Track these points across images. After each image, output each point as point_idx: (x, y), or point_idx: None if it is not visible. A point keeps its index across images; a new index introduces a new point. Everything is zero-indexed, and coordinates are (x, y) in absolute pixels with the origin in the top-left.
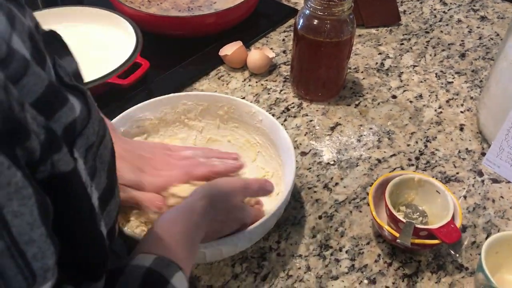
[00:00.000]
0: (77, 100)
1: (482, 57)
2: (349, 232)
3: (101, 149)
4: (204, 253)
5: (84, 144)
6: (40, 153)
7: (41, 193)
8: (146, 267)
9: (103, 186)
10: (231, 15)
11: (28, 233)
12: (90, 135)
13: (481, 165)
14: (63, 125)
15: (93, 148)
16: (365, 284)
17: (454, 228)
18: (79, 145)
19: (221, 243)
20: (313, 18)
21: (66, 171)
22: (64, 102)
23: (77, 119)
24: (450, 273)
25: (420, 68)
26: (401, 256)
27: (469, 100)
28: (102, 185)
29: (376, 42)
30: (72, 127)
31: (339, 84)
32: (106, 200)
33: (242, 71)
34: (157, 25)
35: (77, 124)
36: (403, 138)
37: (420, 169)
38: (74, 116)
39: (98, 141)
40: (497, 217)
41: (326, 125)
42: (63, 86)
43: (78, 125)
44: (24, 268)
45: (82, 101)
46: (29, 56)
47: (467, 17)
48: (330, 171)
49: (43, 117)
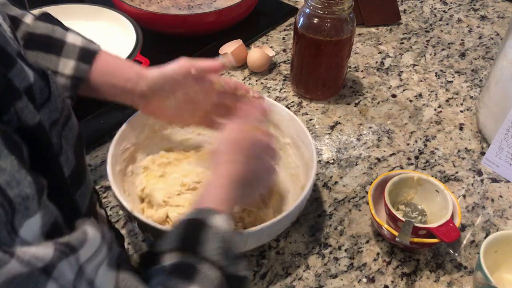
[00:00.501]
0: (31, 70)
1: (482, 56)
2: (348, 230)
3: (66, 130)
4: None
5: (47, 118)
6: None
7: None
8: (185, 219)
9: (72, 167)
10: (231, 13)
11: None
12: (53, 110)
13: (480, 165)
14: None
15: (57, 126)
16: (364, 283)
17: (453, 227)
18: (42, 118)
19: (247, 234)
20: (313, 16)
21: (33, 123)
22: (12, 63)
23: (34, 87)
24: (449, 272)
25: (420, 67)
26: (400, 254)
27: (469, 100)
28: (71, 166)
29: (376, 41)
30: (31, 93)
31: (339, 83)
32: (77, 182)
33: (242, 69)
34: (157, 23)
35: (35, 92)
36: (403, 137)
37: (420, 168)
38: (29, 81)
39: (63, 120)
40: (496, 216)
41: (325, 124)
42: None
43: (37, 95)
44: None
45: (39, 76)
46: None
47: (467, 17)
48: (329, 170)
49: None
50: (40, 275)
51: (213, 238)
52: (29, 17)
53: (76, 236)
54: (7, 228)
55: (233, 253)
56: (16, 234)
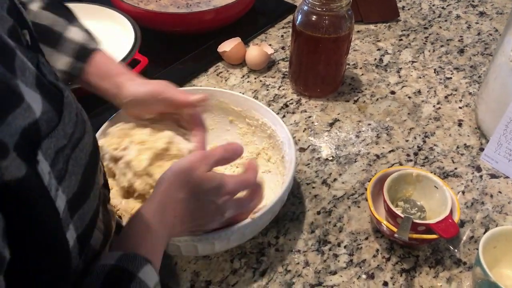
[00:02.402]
0: (42, 101)
1: (481, 52)
2: (347, 227)
3: (76, 152)
4: (196, 246)
5: (52, 147)
6: None
7: None
8: (111, 264)
9: (75, 190)
10: (230, 11)
11: None
12: (60, 138)
13: (479, 161)
14: (21, 127)
15: (65, 151)
16: (363, 279)
17: (452, 223)
18: (46, 147)
19: (214, 237)
20: (312, 14)
21: (17, 177)
22: (18, 102)
23: (39, 121)
24: (448, 267)
25: (418, 64)
26: (399, 251)
27: (468, 96)
28: (73, 189)
29: (374, 38)
30: (33, 128)
31: (338, 80)
32: (78, 204)
33: (240, 67)
34: (156, 22)
35: (40, 126)
36: (402, 133)
37: (419, 165)
38: (34, 117)
39: (72, 144)
40: (495, 212)
41: (324, 121)
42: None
43: (43, 127)
44: None
45: (51, 103)
46: None
47: (465, 13)
48: (328, 167)
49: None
50: None
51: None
52: (36, 4)
53: None
54: None
55: None
56: None
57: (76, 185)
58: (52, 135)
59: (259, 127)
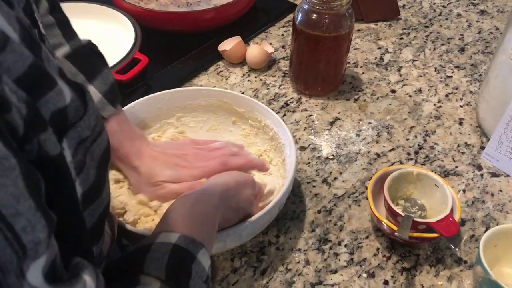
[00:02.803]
0: (70, 90)
1: (482, 51)
2: (348, 226)
3: (94, 146)
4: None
5: (76, 137)
6: (24, 129)
7: (28, 165)
8: (173, 243)
9: (90, 184)
10: (230, 10)
11: (14, 206)
12: (84, 129)
13: (480, 159)
14: (50, 110)
15: (85, 143)
16: (364, 278)
17: (452, 221)
18: (71, 136)
19: (226, 235)
20: (312, 12)
21: (53, 154)
22: (52, 85)
23: (68, 108)
24: (449, 266)
25: (419, 62)
26: (400, 249)
27: (468, 94)
28: (89, 183)
29: (375, 37)
30: (62, 115)
31: (338, 78)
32: (91, 198)
33: (241, 66)
34: (156, 21)
35: (68, 113)
36: (402, 132)
37: (419, 163)
38: (64, 103)
39: (93, 137)
40: (496, 211)
41: (325, 120)
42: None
43: (71, 115)
44: (13, 240)
45: (77, 94)
46: (17, 36)
47: (466, 11)
48: (329, 165)
49: (24, 93)
50: None
51: (200, 276)
52: (64, 50)
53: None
54: (16, 273)
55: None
56: (24, 277)
57: (91, 179)
58: (78, 125)
59: (261, 129)
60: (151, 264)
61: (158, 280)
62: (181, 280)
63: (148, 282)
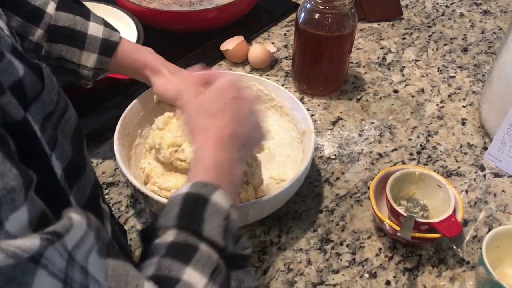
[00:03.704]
0: (22, 64)
1: (485, 51)
2: (350, 226)
3: (62, 123)
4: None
5: (40, 112)
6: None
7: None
8: (185, 193)
9: (69, 159)
10: (232, 9)
11: None
12: (46, 103)
13: (482, 160)
14: (6, 82)
15: (52, 119)
16: (366, 278)
17: (455, 222)
18: (34, 111)
19: (247, 208)
20: (315, 12)
21: (18, 118)
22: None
23: (24, 81)
24: (451, 267)
25: (422, 62)
26: (402, 250)
27: (471, 95)
28: (67, 158)
29: (378, 37)
30: (19, 87)
31: (341, 78)
32: (75, 175)
33: (243, 65)
34: (159, 20)
35: (25, 87)
36: (405, 132)
37: (422, 164)
38: (18, 75)
39: (58, 113)
40: (499, 211)
41: (327, 119)
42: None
43: (28, 89)
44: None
45: (32, 70)
46: None
47: (469, 11)
48: (331, 165)
49: None
50: (27, 264)
51: (214, 217)
52: (51, 5)
53: (61, 224)
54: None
55: (234, 231)
56: (1, 227)
57: (69, 155)
58: (38, 100)
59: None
60: (164, 218)
61: (171, 228)
62: (193, 223)
63: (163, 234)
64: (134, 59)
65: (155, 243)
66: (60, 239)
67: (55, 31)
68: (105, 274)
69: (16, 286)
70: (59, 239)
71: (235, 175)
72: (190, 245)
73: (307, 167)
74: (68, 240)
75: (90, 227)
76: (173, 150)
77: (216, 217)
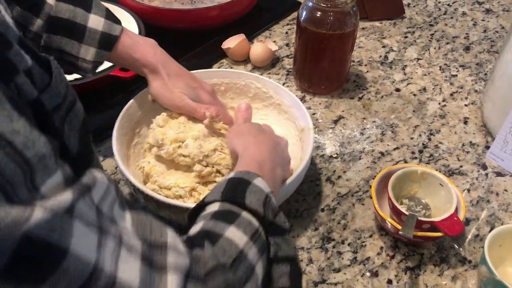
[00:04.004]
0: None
1: (487, 50)
2: (351, 225)
3: (70, 116)
4: None
5: (48, 103)
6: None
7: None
8: (230, 177)
9: (75, 152)
10: (234, 8)
11: (9, 124)
12: (54, 95)
13: (485, 159)
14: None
15: (60, 111)
16: (367, 277)
17: (457, 221)
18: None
19: None
20: (316, 10)
21: (32, 98)
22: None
23: (32, 71)
24: (453, 266)
25: (424, 61)
26: (403, 249)
27: (474, 93)
28: (73, 151)
29: (380, 35)
30: (30, 76)
31: (343, 77)
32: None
33: (245, 64)
34: (160, 18)
35: (34, 77)
36: (407, 131)
37: (424, 162)
38: (26, 65)
39: (66, 106)
40: (501, 210)
41: (329, 118)
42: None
43: (36, 80)
44: (15, 155)
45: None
46: None
47: (472, 10)
48: (333, 164)
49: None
50: (63, 216)
51: (255, 192)
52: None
53: (87, 178)
54: (27, 187)
55: (273, 206)
56: (37, 191)
57: (75, 147)
58: (46, 91)
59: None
60: (211, 194)
61: (216, 202)
62: (236, 196)
63: (209, 206)
64: (132, 56)
65: (201, 215)
66: (89, 192)
67: (55, 22)
68: (131, 225)
69: (59, 235)
70: (88, 191)
71: (275, 175)
72: (233, 212)
73: (307, 165)
74: (94, 194)
75: (110, 182)
76: (176, 146)
77: (257, 194)
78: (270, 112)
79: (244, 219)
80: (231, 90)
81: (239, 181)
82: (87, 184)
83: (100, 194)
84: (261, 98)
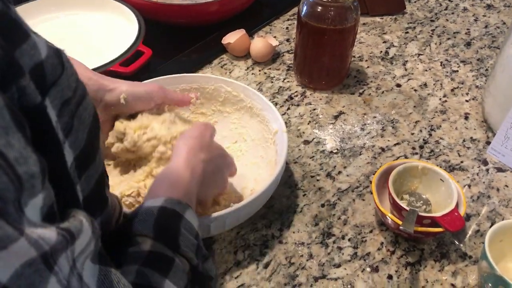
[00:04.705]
0: (45, 45)
1: (488, 45)
2: (352, 220)
3: (80, 110)
4: (209, 226)
5: (59, 97)
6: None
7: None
8: (159, 206)
9: (81, 147)
10: (234, 3)
11: (4, 137)
12: (65, 88)
13: (485, 154)
14: (28, 65)
15: (70, 105)
16: (368, 272)
17: (457, 216)
18: (53, 96)
19: (209, 220)
20: (317, 5)
21: (35, 103)
22: (25, 38)
23: (45, 64)
24: (453, 261)
25: (425, 56)
26: (404, 244)
27: (474, 89)
28: (79, 146)
29: (380, 31)
30: (40, 70)
31: (343, 72)
32: (85, 163)
33: (245, 59)
34: (160, 13)
35: (45, 69)
36: (407, 126)
37: (424, 158)
38: (39, 58)
39: (77, 100)
40: (502, 206)
41: (329, 113)
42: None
43: (48, 72)
44: (8, 169)
45: (53, 51)
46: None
47: (473, 5)
48: (333, 159)
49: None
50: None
51: (188, 233)
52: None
53: (74, 224)
54: (14, 206)
55: (203, 251)
56: (22, 212)
57: (82, 143)
58: (57, 84)
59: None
60: (140, 225)
61: (148, 238)
62: (170, 236)
63: (140, 241)
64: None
65: (132, 250)
66: (73, 243)
67: None
68: (97, 281)
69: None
70: (73, 241)
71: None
72: (167, 256)
73: (282, 168)
74: (77, 246)
75: (94, 235)
76: (141, 133)
77: (191, 234)
78: (242, 115)
79: (178, 268)
80: (200, 95)
81: (171, 214)
82: (73, 234)
83: (82, 246)
84: (232, 102)
